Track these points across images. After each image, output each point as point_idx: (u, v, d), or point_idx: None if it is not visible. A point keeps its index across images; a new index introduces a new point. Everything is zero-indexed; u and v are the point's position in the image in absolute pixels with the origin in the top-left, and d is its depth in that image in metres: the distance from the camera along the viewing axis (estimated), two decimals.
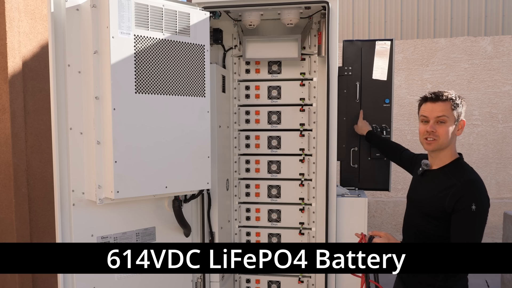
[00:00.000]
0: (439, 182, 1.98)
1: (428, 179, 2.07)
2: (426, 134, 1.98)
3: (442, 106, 1.95)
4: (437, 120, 1.96)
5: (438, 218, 1.94)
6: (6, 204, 3.07)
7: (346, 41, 3.03)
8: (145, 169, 2.24)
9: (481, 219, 1.84)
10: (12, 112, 3.03)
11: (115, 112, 2.11)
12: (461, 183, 1.87)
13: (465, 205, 1.82)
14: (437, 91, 2.00)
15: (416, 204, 2.10)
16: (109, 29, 2.08)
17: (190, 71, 2.39)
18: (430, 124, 1.97)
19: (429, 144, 1.99)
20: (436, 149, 1.99)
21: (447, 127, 1.95)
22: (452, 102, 1.95)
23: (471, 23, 7.05)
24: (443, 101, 1.95)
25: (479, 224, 1.84)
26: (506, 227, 4.03)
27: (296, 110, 3.11)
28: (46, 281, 3.30)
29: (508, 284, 3.89)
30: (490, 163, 5.59)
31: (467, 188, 1.85)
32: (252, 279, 3.21)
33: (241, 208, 3.22)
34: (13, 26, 3.03)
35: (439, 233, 1.96)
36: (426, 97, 2.02)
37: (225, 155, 3.08)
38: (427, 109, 1.99)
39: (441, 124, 1.95)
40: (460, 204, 1.83)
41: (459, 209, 1.83)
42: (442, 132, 1.95)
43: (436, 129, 1.95)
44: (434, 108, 1.96)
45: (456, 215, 1.85)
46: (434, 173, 2.04)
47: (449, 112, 1.95)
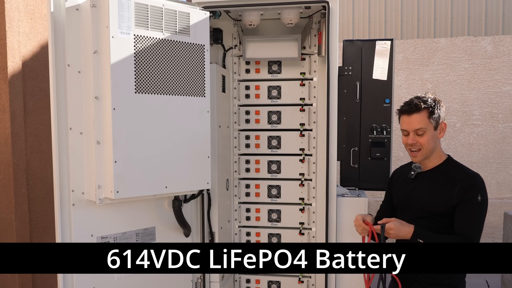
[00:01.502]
0: (439, 180, 2.00)
1: (424, 179, 2.06)
2: (409, 146, 2.02)
3: (418, 118, 1.96)
4: (416, 133, 1.98)
5: (445, 215, 1.95)
6: (6, 204, 3.07)
7: (346, 41, 3.03)
8: (145, 169, 2.24)
9: (484, 210, 1.92)
10: (12, 112, 3.03)
11: (115, 112, 2.11)
12: (465, 177, 1.94)
13: (472, 196, 1.90)
14: (412, 101, 2.00)
15: (418, 206, 2.04)
16: (109, 29, 2.08)
17: (190, 71, 2.38)
18: (411, 136, 1.99)
19: (415, 157, 2.03)
20: (423, 159, 2.03)
21: (428, 136, 1.98)
22: (427, 111, 1.96)
23: (471, 23, 7.04)
24: (418, 111, 1.96)
25: (482, 214, 1.91)
26: (506, 227, 4.03)
27: (296, 110, 3.11)
28: (46, 281, 3.29)
29: (508, 284, 3.89)
30: (490, 163, 5.58)
31: (473, 181, 1.92)
32: (252, 279, 3.21)
33: (241, 208, 3.22)
34: (13, 26, 3.02)
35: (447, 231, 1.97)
36: (401, 110, 2.03)
37: (225, 155, 3.08)
38: (404, 122, 2.02)
39: (421, 136, 1.98)
40: (468, 196, 1.90)
41: (466, 199, 1.90)
42: (423, 142, 1.98)
43: (417, 140, 1.98)
44: (410, 121, 1.98)
45: (463, 205, 1.91)
46: (430, 173, 2.05)
47: (426, 121, 1.96)
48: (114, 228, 2.36)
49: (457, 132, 5.61)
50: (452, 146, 5.62)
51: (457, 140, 5.62)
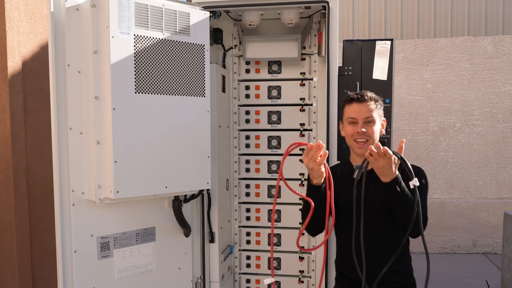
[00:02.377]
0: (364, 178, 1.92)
1: (370, 180, 1.95)
2: (356, 136, 2.01)
3: (368, 106, 2.00)
4: (366, 121, 2.00)
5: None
6: (6, 204, 3.07)
7: (346, 40, 3.03)
8: (145, 169, 2.24)
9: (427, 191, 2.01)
10: (12, 112, 3.03)
11: (115, 112, 2.11)
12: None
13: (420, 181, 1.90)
14: (361, 91, 2.07)
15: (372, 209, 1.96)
16: (109, 29, 2.08)
17: (190, 71, 2.38)
18: (360, 124, 2.00)
19: (361, 148, 2.01)
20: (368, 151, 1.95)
21: (376, 126, 2.02)
22: (376, 102, 2.03)
23: (471, 23, 7.05)
24: (369, 101, 2.01)
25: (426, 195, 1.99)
26: (506, 227, 4.03)
27: (296, 110, 3.11)
28: (46, 281, 3.29)
29: (508, 284, 3.89)
30: (490, 163, 5.59)
31: (417, 168, 1.98)
32: (252, 279, 3.21)
33: (241, 208, 3.22)
34: (13, 26, 3.02)
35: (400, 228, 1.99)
36: (352, 98, 2.04)
37: (225, 155, 3.08)
38: (354, 110, 2.02)
39: (370, 124, 2.00)
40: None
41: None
42: (372, 132, 2.00)
43: (366, 129, 1.99)
44: (361, 108, 2.00)
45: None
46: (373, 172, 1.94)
47: (375, 111, 2.02)
48: (114, 228, 2.37)
49: (457, 132, 5.61)
50: (452, 146, 5.62)
51: (457, 140, 5.62)
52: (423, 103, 5.61)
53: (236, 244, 3.23)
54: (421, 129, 5.63)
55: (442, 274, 4.69)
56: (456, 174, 5.64)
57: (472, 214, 5.56)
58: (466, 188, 5.64)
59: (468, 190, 5.63)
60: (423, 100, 5.61)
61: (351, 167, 2.10)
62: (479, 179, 5.61)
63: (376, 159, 1.80)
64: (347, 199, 2.03)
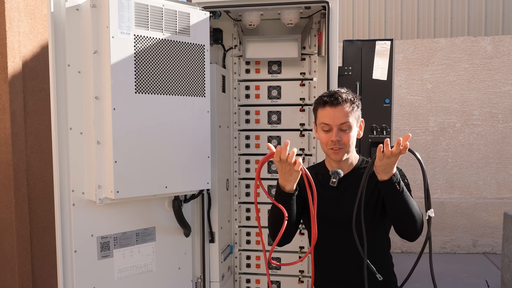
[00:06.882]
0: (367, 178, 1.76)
1: (348, 186, 1.87)
2: (330, 144, 1.82)
3: (343, 111, 1.79)
4: (341, 128, 1.80)
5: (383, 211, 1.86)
6: (6, 204, 3.07)
7: (346, 41, 3.03)
8: (145, 169, 2.24)
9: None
10: (12, 112, 3.03)
11: (115, 112, 2.11)
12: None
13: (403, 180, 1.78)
14: (334, 92, 1.83)
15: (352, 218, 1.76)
16: (109, 29, 2.08)
17: (190, 71, 2.39)
18: (334, 132, 1.80)
19: (337, 154, 1.83)
20: (345, 157, 1.86)
21: (352, 132, 1.83)
22: (352, 104, 1.81)
23: (471, 23, 7.05)
24: (343, 104, 1.79)
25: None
26: (506, 227, 4.03)
27: (296, 110, 3.11)
28: (46, 281, 3.30)
29: (508, 284, 3.89)
30: (490, 163, 5.59)
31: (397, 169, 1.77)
32: (252, 279, 3.21)
33: (241, 208, 3.22)
34: (13, 26, 3.03)
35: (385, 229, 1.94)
36: (324, 100, 1.82)
37: (225, 155, 3.08)
38: (327, 115, 1.80)
39: (345, 132, 1.81)
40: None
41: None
42: (347, 140, 1.81)
43: (341, 137, 1.80)
44: (336, 113, 1.79)
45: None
46: (349, 178, 1.89)
47: (352, 115, 1.81)
48: (114, 228, 2.37)
49: (457, 132, 5.61)
50: (452, 146, 5.63)
51: (457, 140, 5.62)
52: (423, 103, 5.61)
53: (236, 244, 3.23)
54: (421, 129, 5.63)
55: (442, 274, 4.69)
56: (456, 174, 5.64)
57: (472, 214, 5.57)
58: (466, 188, 5.64)
59: (468, 190, 5.64)
60: (423, 100, 5.62)
61: (326, 171, 1.96)
62: (479, 179, 5.62)
63: (388, 157, 1.63)
64: (321, 208, 1.89)
